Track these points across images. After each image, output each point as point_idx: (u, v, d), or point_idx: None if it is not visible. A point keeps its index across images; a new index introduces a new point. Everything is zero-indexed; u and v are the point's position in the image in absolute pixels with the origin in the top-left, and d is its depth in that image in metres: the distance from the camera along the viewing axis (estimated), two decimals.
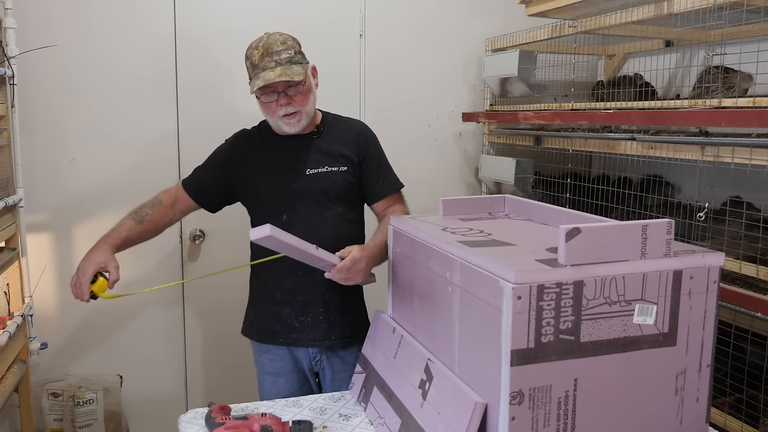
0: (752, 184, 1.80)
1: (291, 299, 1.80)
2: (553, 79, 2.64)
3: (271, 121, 1.78)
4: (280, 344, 1.84)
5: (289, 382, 1.85)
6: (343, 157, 1.80)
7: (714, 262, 1.16)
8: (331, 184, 1.77)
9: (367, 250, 1.61)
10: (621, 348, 1.11)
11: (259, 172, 1.82)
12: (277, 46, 1.70)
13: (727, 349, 1.75)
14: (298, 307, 1.80)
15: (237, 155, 1.86)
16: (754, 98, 1.61)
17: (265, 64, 1.68)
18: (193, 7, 2.52)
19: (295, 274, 1.76)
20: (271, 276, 1.82)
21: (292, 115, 1.73)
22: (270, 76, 1.66)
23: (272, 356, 1.86)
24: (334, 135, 1.83)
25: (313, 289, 1.78)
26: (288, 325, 1.82)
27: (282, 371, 1.85)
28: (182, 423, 1.46)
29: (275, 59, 1.68)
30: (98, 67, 2.43)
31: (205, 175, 1.90)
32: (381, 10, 2.77)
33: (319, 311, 1.80)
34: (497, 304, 1.06)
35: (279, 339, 1.83)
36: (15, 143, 2.18)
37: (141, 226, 1.82)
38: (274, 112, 1.73)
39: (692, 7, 1.78)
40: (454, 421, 1.15)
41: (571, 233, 1.06)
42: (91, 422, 2.35)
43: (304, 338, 1.82)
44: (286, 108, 1.72)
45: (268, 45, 1.70)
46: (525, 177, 2.56)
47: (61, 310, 2.48)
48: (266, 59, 1.68)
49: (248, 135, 1.90)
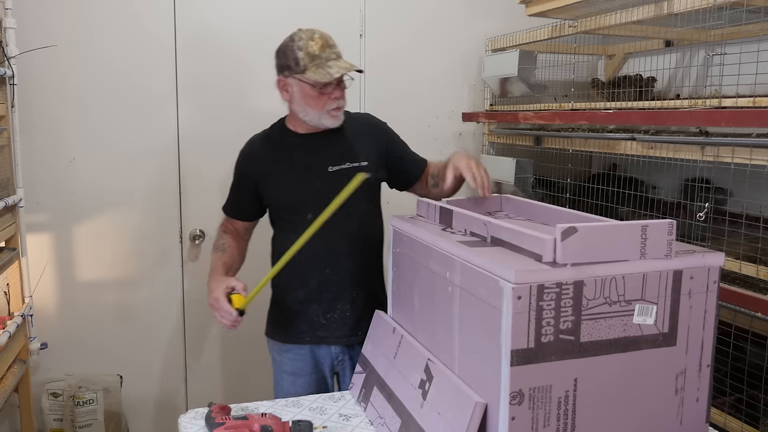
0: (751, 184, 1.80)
1: (318, 297, 1.80)
2: (553, 79, 2.64)
3: (313, 115, 1.74)
4: (306, 343, 1.83)
5: (308, 383, 1.85)
6: (363, 153, 1.81)
7: (714, 262, 1.16)
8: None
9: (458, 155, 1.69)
10: (621, 348, 1.11)
11: (281, 173, 1.80)
12: (331, 39, 1.73)
13: (727, 349, 1.75)
14: (326, 304, 1.80)
15: (255, 162, 1.85)
16: (754, 98, 1.61)
17: (328, 55, 1.69)
18: (193, 8, 2.52)
19: (321, 272, 1.78)
20: (297, 275, 1.80)
21: (340, 109, 1.75)
22: (345, 65, 1.69)
23: (293, 356, 1.85)
24: (350, 131, 1.82)
25: (339, 285, 1.79)
26: (314, 323, 1.81)
27: (302, 371, 1.85)
28: (182, 423, 1.46)
29: (335, 51, 1.71)
30: (98, 67, 2.43)
31: (236, 193, 1.91)
32: (381, 10, 2.77)
33: (346, 308, 1.81)
34: (497, 304, 1.06)
35: (305, 338, 1.83)
36: (15, 143, 2.18)
37: (227, 253, 1.84)
38: (324, 106, 1.72)
39: (692, 7, 1.78)
40: (454, 421, 1.15)
41: (567, 232, 1.06)
42: (91, 422, 2.35)
43: (331, 336, 1.82)
44: (338, 101, 1.73)
45: (325, 37, 1.72)
46: (525, 177, 2.56)
47: (61, 310, 2.48)
48: (328, 50, 1.70)
49: (262, 139, 1.88)
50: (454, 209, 1.41)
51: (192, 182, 2.59)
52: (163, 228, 2.57)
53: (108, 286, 2.53)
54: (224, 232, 1.90)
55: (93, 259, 2.49)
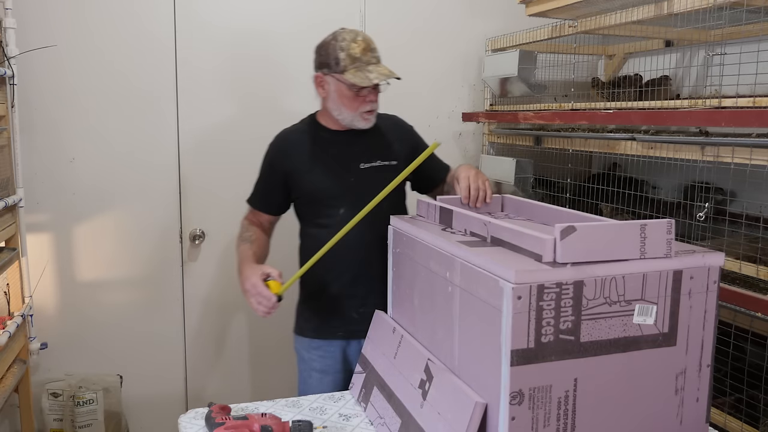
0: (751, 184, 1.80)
1: (351, 292, 1.82)
2: (553, 79, 2.64)
3: (347, 114, 1.79)
4: (339, 338, 1.86)
5: (335, 381, 1.87)
6: (394, 153, 1.86)
7: (714, 262, 1.17)
8: (385, 178, 1.78)
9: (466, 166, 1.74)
10: (621, 348, 1.12)
11: (313, 168, 1.83)
12: (373, 43, 1.78)
13: (727, 349, 1.75)
14: (359, 299, 1.82)
15: (286, 156, 1.87)
16: (754, 98, 1.61)
17: (369, 58, 1.74)
18: (193, 8, 2.52)
19: (355, 267, 1.80)
20: (330, 271, 1.82)
21: (372, 112, 1.80)
22: (385, 72, 1.73)
23: (323, 353, 1.87)
24: (380, 130, 1.87)
25: (372, 280, 1.80)
26: (348, 318, 1.84)
27: (330, 369, 1.87)
28: (182, 423, 1.46)
29: (375, 56, 1.76)
30: (99, 67, 2.43)
31: (264, 186, 1.92)
32: (381, 10, 2.77)
33: (378, 302, 1.81)
34: (497, 304, 1.06)
35: (338, 333, 1.85)
36: (15, 143, 2.18)
37: (255, 244, 1.85)
38: (358, 107, 1.77)
39: (692, 7, 1.78)
40: (454, 421, 1.15)
41: (566, 231, 1.06)
42: (91, 422, 2.35)
43: (363, 329, 1.81)
44: (373, 104, 1.78)
45: (367, 41, 1.77)
46: (525, 177, 2.56)
47: (61, 310, 2.48)
48: (369, 54, 1.75)
49: (293, 133, 1.90)
50: (454, 209, 1.41)
51: (192, 182, 2.59)
52: (163, 228, 2.57)
53: (108, 286, 2.53)
54: (250, 224, 1.92)
55: (93, 259, 2.49)
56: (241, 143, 2.62)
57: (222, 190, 2.62)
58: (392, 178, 1.79)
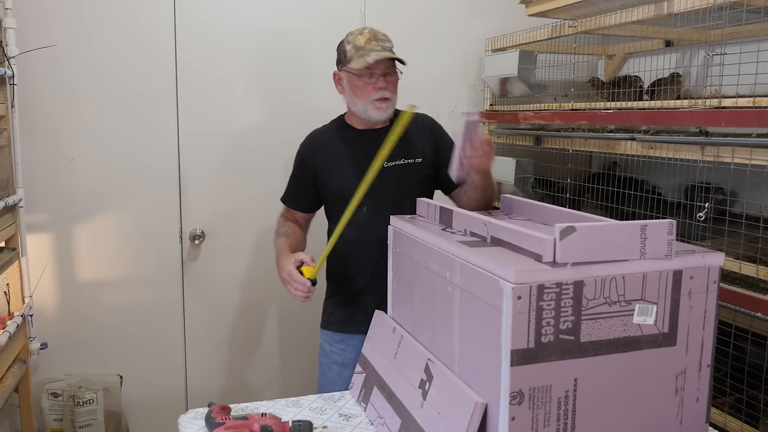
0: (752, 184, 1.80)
1: (373, 288, 1.84)
2: (553, 79, 2.64)
3: (360, 104, 1.82)
4: (361, 332, 1.86)
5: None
6: (418, 150, 1.87)
7: (714, 262, 1.16)
8: (409, 176, 1.82)
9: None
10: (621, 348, 1.11)
11: (339, 166, 1.87)
12: (381, 35, 1.80)
13: (727, 349, 1.75)
14: (380, 294, 1.81)
15: (314, 155, 1.92)
16: (754, 98, 1.61)
17: (373, 47, 1.76)
18: (192, 8, 2.52)
19: (376, 262, 1.81)
20: (352, 266, 1.87)
21: (385, 100, 1.80)
22: (383, 54, 1.75)
23: (344, 346, 1.90)
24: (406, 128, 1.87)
25: None
26: (369, 313, 1.84)
27: (350, 363, 1.88)
28: (182, 423, 1.46)
29: (381, 45, 1.77)
30: (98, 67, 2.43)
31: (297, 184, 1.97)
32: (381, 10, 2.76)
33: None
34: (497, 304, 1.06)
35: (361, 327, 1.86)
36: (15, 143, 2.18)
37: (291, 237, 1.90)
38: (368, 95, 1.79)
39: (692, 7, 1.78)
40: (454, 421, 1.15)
41: (566, 231, 1.06)
42: (91, 422, 2.35)
43: None
44: (383, 92, 1.79)
45: (374, 32, 1.79)
46: (525, 177, 2.56)
47: (61, 310, 2.48)
48: (373, 43, 1.77)
49: (322, 133, 1.96)
50: (454, 209, 1.41)
51: (192, 182, 2.59)
52: (163, 228, 2.57)
53: (108, 286, 2.53)
54: (286, 220, 1.98)
55: (93, 259, 2.49)
56: (242, 143, 2.62)
57: (222, 191, 2.62)
58: (416, 176, 1.81)
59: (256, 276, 2.66)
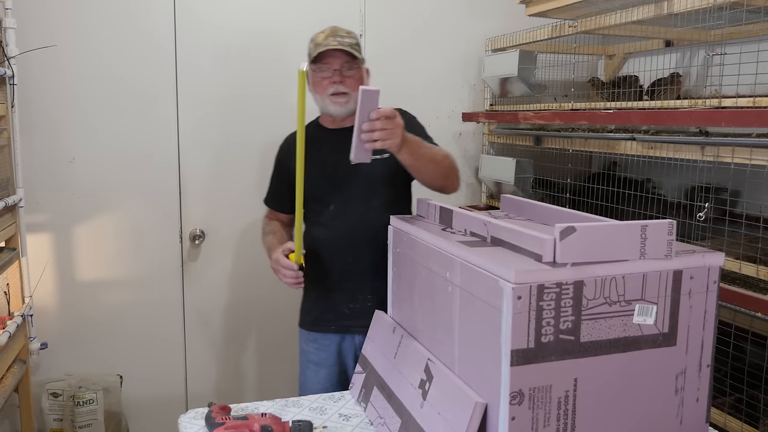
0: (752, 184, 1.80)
1: (341, 286, 1.85)
2: (553, 79, 2.64)
3: (319, 100, 1.83)
4: (332, 332, 1.88)
5: (330, 375, 1.90)
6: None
7: (714, 262, 1.16)
8: (375, 172, 1.80)
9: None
10: (621, 348, 1.11)
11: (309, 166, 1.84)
12: (342, 32, 1.81)
13: (727, 349, 1.75)
14: (349, 293, 1.85)
15: (289, 155, 1.91)
16: (754, 98, 1.61)
17: (329, 42, 1.77)
18: (192, 8, 2.51)
19: (344, 261, 1.82)
20: (321, 264, 1.87)
21: (342, 95, 1.79)
22: (332, 44, 1.75)
23: (319, 346, 1.91)
24: None
25: (362, 275, 1.83)
26: (339, 312, 1.86)
27: (325, 362, 1.90)
28: (182, 423, 1.46)
29: (339, 40, 1.77)
30: (99, 67, 2.42)
31: (276, 185, 2.00)
32: (381, 9, 2.76)
33: (368, 297, 1.84)
34: (497, 304, 1.06)
35: (331, 326, 1.88)
36: (15, 143, 2.18)
37: (278, 234, 1.93)
38: (325, 90, 1.79)
39: (692, 7, 1.78)
40: (454, 421, 1.15)
41: (566, 231, 1.06)
42: (91, 422, 2.35)
43: (354, 324, 1.85)
44: (338, 86, 1.78)
45: (335, 29, 1.80)
46: (525, 177, 2.56)
47: (61, 310, 2.48)
48: (330, 39, 1.77)
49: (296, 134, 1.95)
50: (454, 209, 1.41)
51: (192, 182, 2.58)
52: (163, 228, 2.57)
53: (108, 286, 2.53)
54: (270, 220, 2.00)
55: (93, 259, 2.49)
56: (241, 143, 2.62)
57: (222, 190, 2.62)
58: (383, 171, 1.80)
59: (257, 276, 2.65)
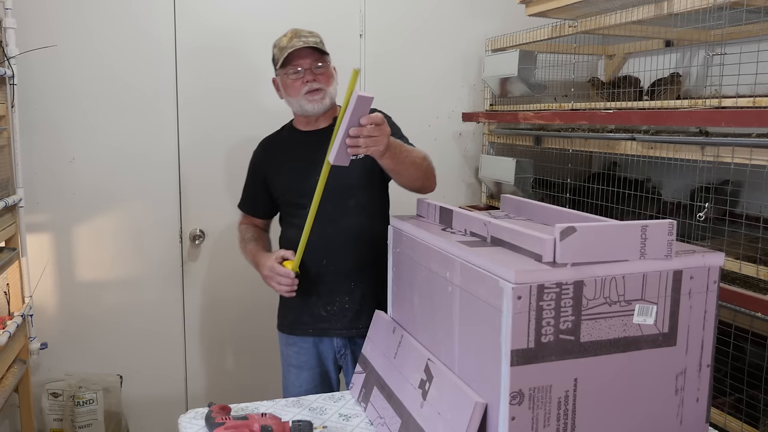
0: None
1: (317, 288, 1.84)
2: (553, 79, 2.64)
3: (294, 102, 1.82)
4: (309, 335, 1.88)
5: (312, 377, 1.90)
6: None
7: (714, 262, 1.16)
8: (350, 173, 1.78)
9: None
10: (621, 348, 1.11)
11: (283, 169, 1.88)
12: (305, 32, 1.81)
13: (727, 349, 1.75)
14: (325, 296, 1.84)
15: (264, 159, 1.94)
16: (754, 98, 1.61)
17: (294, 43, 1.76)
18: (192, 8, 2.52)
19: (319, 263, 1.81)
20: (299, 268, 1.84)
21: (317, 91, 1.79)
22: (298, 45, 1.75)
23: (298, 349, 1.91)
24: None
25: (337, 277, 1.83)
26: (316, 315, 1.86)
27: (306, 365, 1.90)
28: (182, 423, 1.46)
29: (303, 40, 1.77)
30: (99, 67, 2.43)
31: (251, 190, 2.00)
32: (381, 10, 2.76)
33: (345, 300, 1.84)
34: (497, 304, 1.06)
35: (308, 330, 1.88)
36: (15, 143, 2.18)
37: (260, 241, 1.94)
38: (299, 91, 1.79)
39: (692, 7, 1.78)
40: (454, 421, 1.15)
41: (566, 232, 1.06)
42: (91, 422, 2.35)
43: (332, 327, 1.86)
44: (311, 84, 1.78)
45: (297, 30, 1.80)
46: (525, 177, 2.56)
47: (61, 310, 2.48)
48: (294, 40, 1.77)
49: (271, 138, 1.98)
50: (454, 209, 1.41)
51: (192, 182, 2.59)
52: (163, 228, 2.57)
53: (108, 286, 2.53)
54: (248, 227, 2.00)
55: (93, 259, 2.49)
56: (242, 143, 2.61)
57: (222, 190, 2.62)
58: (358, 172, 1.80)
59: (256, 276, 2.64)
